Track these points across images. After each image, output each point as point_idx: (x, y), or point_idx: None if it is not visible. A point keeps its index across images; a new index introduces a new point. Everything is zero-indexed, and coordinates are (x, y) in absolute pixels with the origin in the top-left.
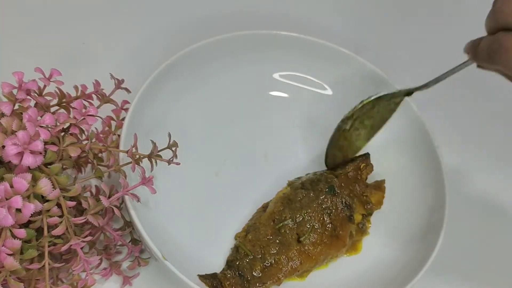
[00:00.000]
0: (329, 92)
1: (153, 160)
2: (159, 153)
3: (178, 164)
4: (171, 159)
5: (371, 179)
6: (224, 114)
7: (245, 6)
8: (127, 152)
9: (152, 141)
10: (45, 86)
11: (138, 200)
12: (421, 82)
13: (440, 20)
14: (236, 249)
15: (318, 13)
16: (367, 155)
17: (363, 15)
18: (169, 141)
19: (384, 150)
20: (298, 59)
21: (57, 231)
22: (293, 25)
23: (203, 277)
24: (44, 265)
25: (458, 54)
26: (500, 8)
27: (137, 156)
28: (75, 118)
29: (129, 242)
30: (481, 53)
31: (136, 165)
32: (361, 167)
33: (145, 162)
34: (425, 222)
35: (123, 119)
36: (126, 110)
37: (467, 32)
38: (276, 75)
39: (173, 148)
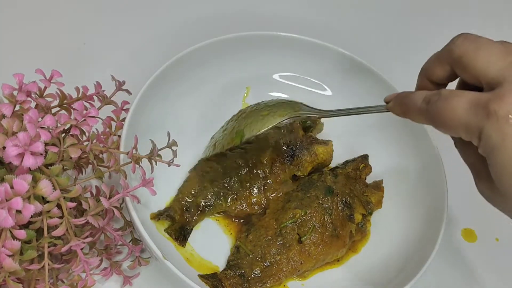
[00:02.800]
0: (328, 92)
1: (153, 162)
2: (159, 153)
3: (178, 166)
4: (171, 161)
5: (369, 179)
6: (224, 114)
7: (245, 7)
8: (127, 153)
9: (152, 141)
10: (45, 87)
11: (139, 202)
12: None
13: (440, 20)
14: (236, 249)
15: (317, 14)
16: (365, 156)
17: (362, 15)
18: (169, 140)
19: (383, 151)
20: (298, 60)
21: (57, 232)
22: (293, 26)
23: (204, 277)
24: (43, 266)
25: None
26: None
27: (137, 157)
28: (76, 119)
29: (130, 242)
30: (414, 106)
31: (136, 166)
32: (360, 167)
33: (146, 162)
34: (424, 221)
35: (123, 119)
36: (126, 110)
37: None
38: (276, 76)
39: (173, 148)
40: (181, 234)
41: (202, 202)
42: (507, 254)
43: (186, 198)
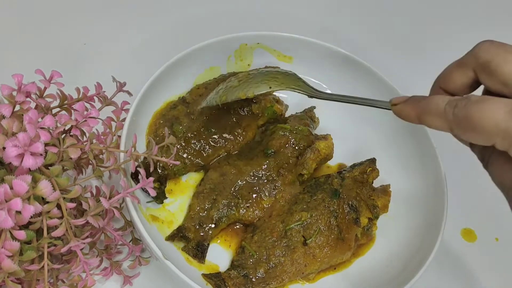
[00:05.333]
0: (328, 92)
1: (152, 160)
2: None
3: (177, 163)
4: (170, 158)
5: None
6: None
7: (245, 7)
8: (126, 152)
9: (150, 139)
10: (45, 88)
11: (139, 202)
12: (420, 81)
13: (438, 21)
14: (241, 249)
15: (317, 14)
16: (373, 160)
17: (362, 16)
18: (167, 137)
19: (382, 151)
20: (298, 60)
21: (57, 233)
22: (292, 26)
23: (207, 276)
24: (43, 266)
25: (454, 55)
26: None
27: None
28: (76, 120)
29: (130, 241)
30: (436, 110)
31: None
32: (367, 171)
33: None
34: (424, 222)
35: (123, 120)
36: (126, 111)
37: (463, 33)
38: None
39: (171, 145)
40: (198, 251)
41: (215, 215)
42: (507, 254)
43: (199, 214)
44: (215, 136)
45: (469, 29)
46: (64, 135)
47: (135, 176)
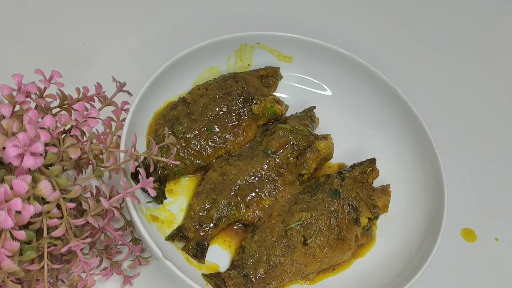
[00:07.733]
0: (328, 92)
1: (152, 160)
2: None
3: (177, 163)
4: (170, 158)
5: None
6: None
7: (245, 7)
8: (126, 151)
9: (150, 139)
10: (45, 88)
11: (139, 202)
12: (420, 81)
13: (439, 21)
14: (242, 249)
15: (318, 14)
16: (373, 160)
17: (362, 16)
18: (167, 137)
19: (381, 152)
20: (298, 60)
21: (56, 233)
22: (292, 26)
23: (207, 276)
24: (43, 266)
25: (454, 55)
26: None
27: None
28: (76, 120)
29: (130, 241)
30: None
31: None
32: (367, 171)
33: None
34: (424, 222)
35: (123, 119)
36: (126, 111)
37: (462, 33)
38: None
39: (172, 145)
40: (198, 251)
41: (215, 215)
42: (507, 254)
43: (198, 214)
44: (215, 137)
45: (470, 29)
46: (64, 135)
47: (135, 176)
